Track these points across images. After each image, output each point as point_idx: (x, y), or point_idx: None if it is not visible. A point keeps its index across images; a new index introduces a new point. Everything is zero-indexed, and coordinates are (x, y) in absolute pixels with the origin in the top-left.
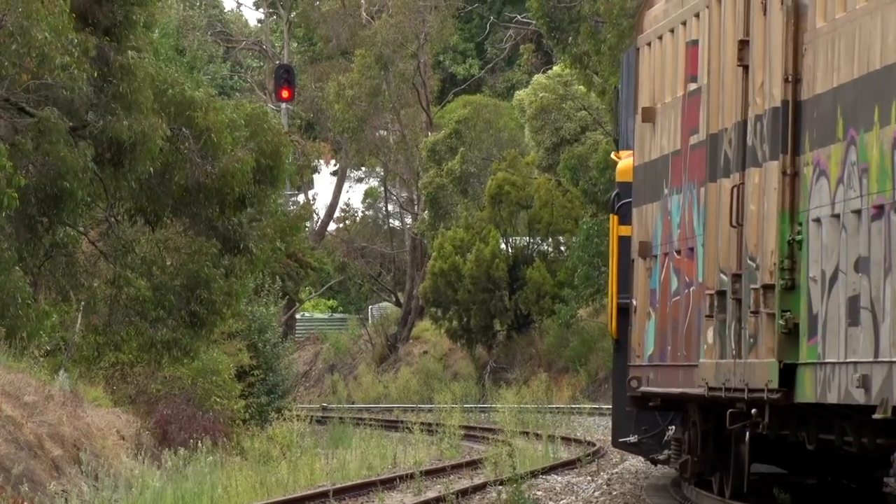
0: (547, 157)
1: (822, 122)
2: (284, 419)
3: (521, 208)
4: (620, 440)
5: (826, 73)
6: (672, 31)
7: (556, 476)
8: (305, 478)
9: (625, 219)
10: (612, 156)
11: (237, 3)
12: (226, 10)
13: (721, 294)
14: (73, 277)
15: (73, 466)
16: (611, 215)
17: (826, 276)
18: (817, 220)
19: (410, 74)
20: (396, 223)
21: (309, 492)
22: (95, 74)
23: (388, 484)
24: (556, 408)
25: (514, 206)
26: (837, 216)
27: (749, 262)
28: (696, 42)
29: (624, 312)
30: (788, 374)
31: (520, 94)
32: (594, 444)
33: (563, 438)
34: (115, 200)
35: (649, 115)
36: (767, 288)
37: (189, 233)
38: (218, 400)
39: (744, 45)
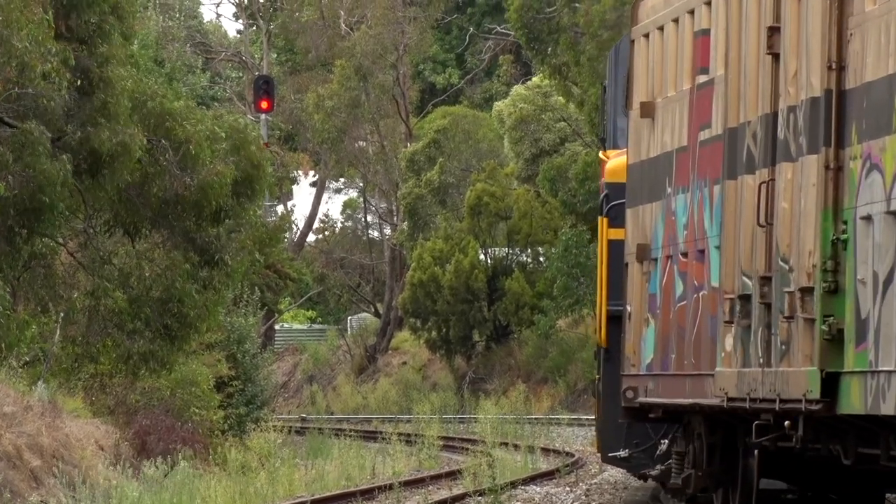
0: (526, 168)
1: (874, 111)
2: (263, 430)
3: (500, 219)
4: (610, 455)
5: (878, 59)
6: (676, 20)
7: (535, 487)
8: (284, 489)
9: (615, 221)
10: (601, 155)
11: (216, 14)
12: (205, 21)
13: (744, 298)
14: (51, 289)
15: (52, 477)
16: (599, 218)
17: (879, 278)
18: (867, 218)
19: (390, 85)
20: (375, 234)
21: (288, 503)
22: (78, 83)
23: (367, 495)
24: (535, 418)
25: (494, 217)
26: (894, 213)
27: (781, 263)
28: (706, 31)
29: (614, 320)
30: (831, 383)
31: (499, 104)
32: (573, 455)
33: (543, 449)
34: (94, 212)
35: (648, 111)
36: (805, 291)
37: (165, 245)
38: (197, 411)
39: (774, 31)
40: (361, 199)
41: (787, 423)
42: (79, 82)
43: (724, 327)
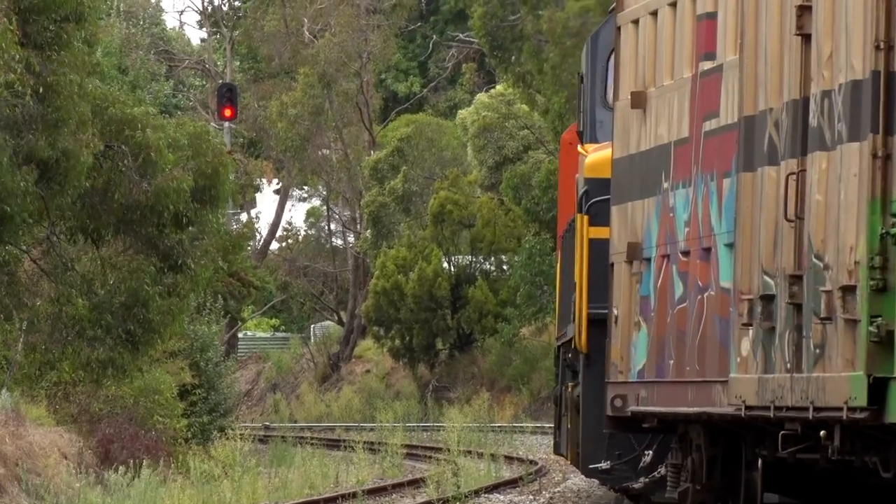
0: (489, 176)
1: None
2: (227, 438)
3: (463, 227)
4: (591, 466)
5: None
6: (673, 4)
7: (498, 495)
8: (248, 497)
9: (596, 219)
10: (579, 149)
11: (180, 22)
12: (168, 29)
13: (766, 299)
14: (15, 296)
15: (16, 485)
16: (578, 215)
17: None
18: None
19: (353, 93)
20: (339, 242)
21: None
22: (39, 90)
23: (331, 503)
24: (499, 426)
25: (457, 225)
26: None
27: (815, 260)
28: (712, 15)
29: (596, 324)
30: (878, 389)
31: (462, 112)
32: (536, 463)
33: (506, 457)
34: (57, 219)
35: (639, 101)
36: (846, 290)
37: (129, 251)
38: (160, 419)
39: (804, 11)
40: (325, 207)
41: (822, 432)
42: (40, 89)
43: (740, 330)
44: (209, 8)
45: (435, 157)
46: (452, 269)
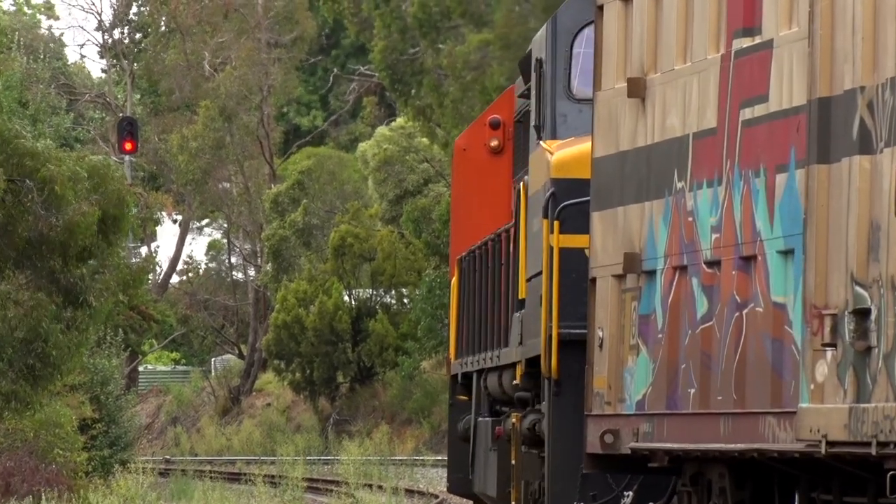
0: (390, 210)
1: None
2: (128, 471)
3: (364, 260)
4: None
5: None
6: None
7: None
8: None
9: (569, 225)
10: (543, 145)
11: (81, 55)
12: (70, 63)
13: (860, 313)
14: None
15: None
16: (544, 221)
17: None
18: None
19: (254, 126)
20: (240, 275)
21: None
22: None
23: None
24: (399, 459)
25: (358, 259)
26: None
27: None
28: None
29: (570, 346)
30: None
31: (363, 146)
32: (437, 496)
33: (407, 490)
34: None
35: (637, 89)
36: None
37: (30, 286)
38: (61, 452)
39: None
40: (225, 241)
41: None
42: None
43: (815, 353)
44: (109, 41)
45: (336, 190)
46: (353, 302)
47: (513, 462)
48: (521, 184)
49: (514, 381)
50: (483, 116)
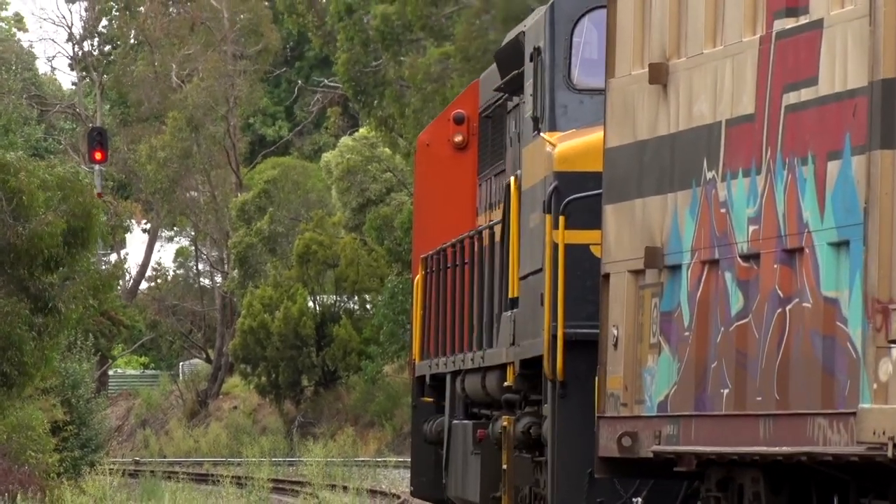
0: (353, 218)
1: None
2: (98, 473)
3: (328, 267)
4: None
5: None
6: None
7: None
8: None
9: (575, 220)
10: (545, 137)
11: (51, 67)
12: (40, 74)
13: None
14: None
15: None
16: (546, 216)
17: None
18: None
19: (221, 136)
20: (207, 282)
21: None
22: None
23: None
24: (363, 461)
25: (322, 265)
26: None
27: None
28: None
29: (579, 346)
30: None
31: (327, 155)
32: (399, 497)
33: (370, 491)
34: None
35: (659, 75)
36: None
37: (1, 293)
38: (33, 454)
39: None
40: (193, 248)
41: None
42: None
43: (878, 350)
44: (79, 53)
45: (300, 198)
46: (317, 308)
47: (504, 466)
48: (513, 178)
49: (505, 383)
50: (447, 112)
